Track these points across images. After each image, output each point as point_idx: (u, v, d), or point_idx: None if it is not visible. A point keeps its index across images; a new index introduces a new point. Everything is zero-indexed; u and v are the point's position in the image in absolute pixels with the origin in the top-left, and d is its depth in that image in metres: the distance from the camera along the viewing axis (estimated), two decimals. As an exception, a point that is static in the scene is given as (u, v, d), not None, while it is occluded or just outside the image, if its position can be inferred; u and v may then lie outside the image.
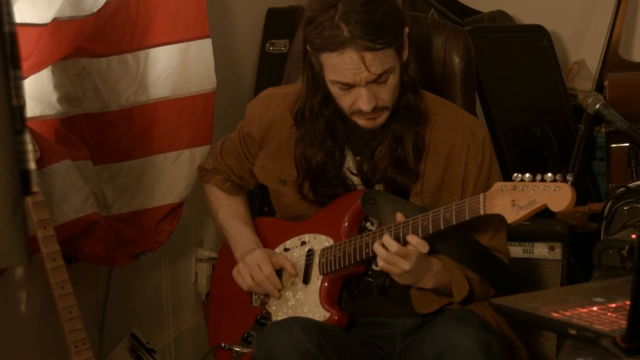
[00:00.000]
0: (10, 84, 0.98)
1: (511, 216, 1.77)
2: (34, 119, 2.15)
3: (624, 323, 1.27)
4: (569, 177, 1.72)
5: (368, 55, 1.86)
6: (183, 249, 3.00)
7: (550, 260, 2.70)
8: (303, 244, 2.13)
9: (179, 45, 2.45)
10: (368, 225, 2.09)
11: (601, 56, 3.30)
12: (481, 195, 1.82)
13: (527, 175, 1.75)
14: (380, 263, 1.92)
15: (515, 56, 3.35)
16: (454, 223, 1.85)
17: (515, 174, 1.76)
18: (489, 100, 3.23)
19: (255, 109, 2.18)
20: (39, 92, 2.17)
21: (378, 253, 1.91)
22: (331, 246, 2.06)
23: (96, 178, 2.35)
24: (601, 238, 2.01)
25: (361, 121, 1.97)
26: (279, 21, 3.25)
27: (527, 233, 2.68)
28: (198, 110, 2.52)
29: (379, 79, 1.90)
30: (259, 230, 2.23)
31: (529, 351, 2.16)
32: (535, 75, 3.36)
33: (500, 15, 3.60)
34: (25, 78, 2.06)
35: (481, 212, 1.81)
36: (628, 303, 1.25)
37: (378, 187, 2.05)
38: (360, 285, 2.09)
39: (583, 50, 3.66)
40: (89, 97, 2.32)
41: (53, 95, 2.20)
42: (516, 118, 3.27)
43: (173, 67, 2.45)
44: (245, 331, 2.16)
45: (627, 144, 2.75)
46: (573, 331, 1.30)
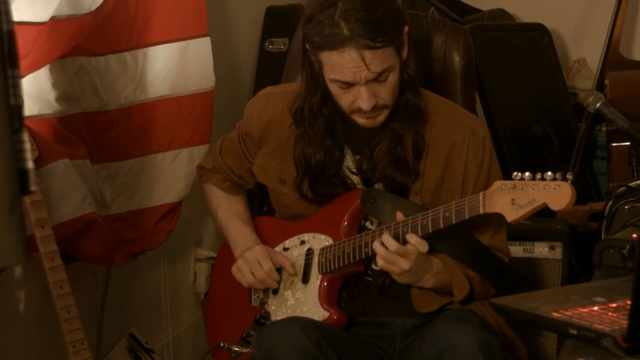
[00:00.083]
0: (8, 82, 0.97)
1: (511, 215, 1.77)
2: (32, 117, 2.15)
3: (624, 323, 1.27)
4: (569, 176, 1.72)
5: (368, 54, 1.86)
6: (182, 249, 3.00)
7: (551, 260, 2.70)
8: (302, 243, 2.13)
9: (178, 43, 2.46)
10: (368, 224, 2.08)
11: (602, 55, 3.30)
12: (481, 194, 1.82)
13: (527, 173, 1.74)
14: (379, 262, 1.92)
15: (515, 55, 3.35)
16: (454, 222, 1.84)
17: (515, 173, 1.76)
18: (489, 99, 3.22)
19: (254, 108, 2.18)
20: (37, 91, 2.17)
21: (377, 252, 1.91)
22: (330, 245, 2.06)
23: (94, 177, 2.35)
24: (602, 237, 2.00)
25: (361, 120, 1.96)
26: (278, 19, 3.25)
27: (528, 232, 2.68)
28: (197, 109, 2.52)
29: (379, 78, 1.90)
30: (259, 230, 2.23)
31: (530, 351, 2.16)
32: (535, 73, 3.35)
33: (501, 13, 3.59)
34: (23, 77, 2.05)
35: (481, 211, 1.81)
36: (629, 303, 1.25)
37: (377, 186, 2.05)
38: (360, 284, 2.08)
39: (584, 48, 3.66)
40: (87, 96, 2.32)
41: (51, 94, 2.20)
42: (516, 117, 3.26)
43: (172, 66, 2.45)
44: (244, 331, 2.16)
45: (628, 143, 2.74)
46: (574, 331, 1.29)
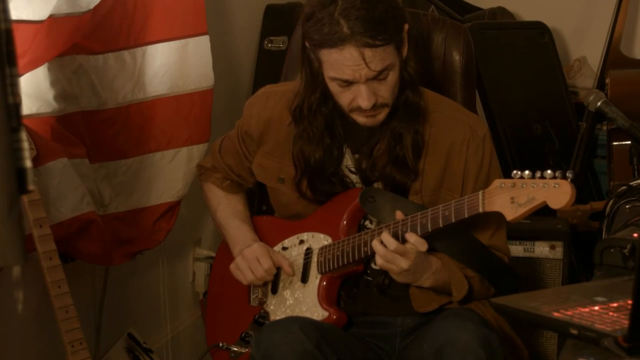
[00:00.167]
0: (6, 81, 0.98)
1: (510, 214, 1.76)
2: (30, 116, 2.14)
3: (625, 322, 1.26)
4: (569, 174, 1.71)
5: (368, 52, 1.85)
6: (180, 248, 3.00)
7: (551, 259, 2.69)
8: (301, 242, 2.13)
9: (177, 42, 2.45)
10: (367, 223, 2.08)
11: (602, 53, 3.29)
12: (480, 193, 1.81)
13: (527, 172, 1.74)
14: (378, 261, 1.91)
15: (515, 53, 3.34)
16: (453, 221, 1.84)
17: (514, 171, 1.75)
18: (489, 98, 3.21)
19: (253, 107, 2.17)
20: (35, 90, 2.16)
21: (377, 250, 1.90)
22: (330, 245, 2.05)
23: (93, 176, 2.34)
24: (603, 237, 2.00)
25: (360, 118, 1.96)
26: (277, 18, 3.26)
27: (528, 232, 2.68)
28: (196, 107, 2.52)
29: (379, 76, 1.89)
30: (258, 229, 2.22)
31: (530, 351, 2.16)
32: (536, 72, 3.35)
33: (501, 11, 3.59)
34: (21, 75, 2.05)
35: (480, 210, 1.80)
36: (630, 302, 1.24)
37: (377, 185, 2.04)
38: (360, 284, 2.08)
39: (584, 47, 3.65)
40: (86, 95, 2.31)
41: (49, 93, 2.19)
42: (517, 116, 3.26)
43: (170, 65, 2.45)
44: (243, 331, 2.15)
45: (629, 142, 2.73)
46: (574, 331, 1.29)
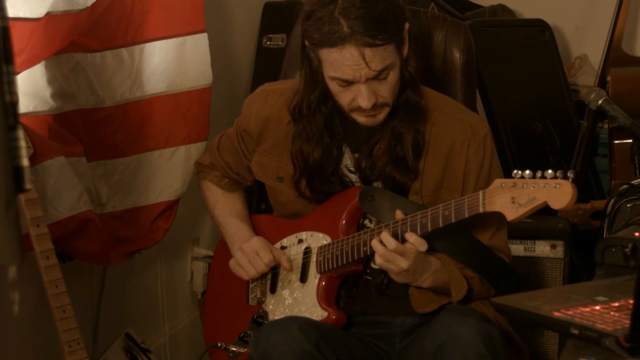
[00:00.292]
0: (3, 79, 0.98)
1: (511, 214, 1.76)
2: (27, 114, 2.13)
3: (627, 322, 1.25)
4: (570, 174, 1.70)
5: (368, 52, 1.84)
6: (179, 247, 3.00)
7: (552, 259, 2.69)
8: (300, 241, 2.12)
9: (175, 39, 2.44)
10: (366, 222, 2.07)
11: (604, 51, 3.28)
12: (480, 193, 1.80)
13: (527, 172, 1.73)
14: (378, 260, 1.91)
15: (516, 51, 3.34)
16: (453, 221, 1.83)
17: (515, 171, 1.75)
18: (489, 96, 3.21)
19: (252, 105, 2.16)
20: (32, 88, 2.16)
21: (376, 250, 1.89)
22: (329, 244, 2.05)
23: (90, 175, 2.34)
24: (604, 236, 1.99)
25: (360, 118, 1.95)
26: (276, 15, 3.25)
27: (529, 231, 2.68)
28: (194, 106, 2.51)
29: (379, 76, 1.89)
30: (256, 228, 2.22)
31: (531, 351, 2.16)
32: (536, 70, 3.34)
33: (501, 9, 3.58)
34: (18, 73, 2.04)
35: (480, 210, 1.79)
36: (631, 302, 1.24)
37: (376, 185, 2.03)
38: (359, 283, 2.07)
39: (585, 45, 3.64)
40: (83, 93, 2.31)
41: (46, 91, 2.19)
42: (517, 114, 3.25)
43: (168, 62, 2.44)
44: (241, 330, 2.15)
45: (630, 140, 2.72)
46: (575, 331, 1.28)
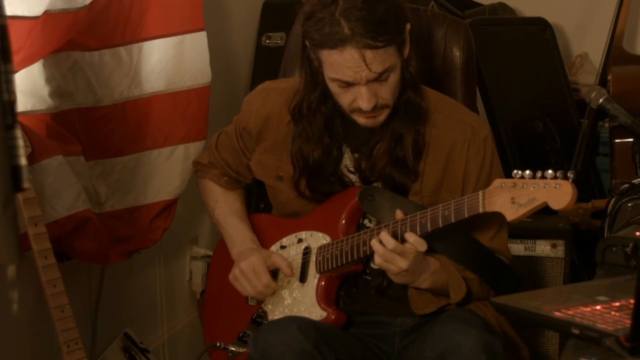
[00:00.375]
0: (0, 78, 0.98)
1: (511, 214, 1.75)
2: (25, 113, 2.13)
3: (628, 322, 1.25)
4: (570, 174, 1.70)
5: (369, 54, 1.83)
6: (177, 247, 3.00)
7: (553, 258, 2.69)
8: (300, 241, 2.11)
9: (173, 38, 2.44)
10: (366, 222, 2.07)
11: (604, 49, 3.27)
12: (480, 193, 1.80)
13: (527, 172, 1.72)
14: (377, 260, 1.90)
15: (516, 49, 3.33)
16: (453, 221, 1.83)
17: (515, 171, 1.74)
18: (490, 95, 3.21)
19: (252, 103, 2.16)
20: (30, 87, 2.15)
21: (375, 250, 1.89)
22: (328, 244, 2.04)
23: (88, 174, 2.34)
24: (604, 235, 1.99)
25: (361, 119, 1.94)
26: (275, 14, 3.26)
27: (529, 230, 2.68)
28: (192, 104, 2.51)
29: (380, 77, 1.88)
30: (255, 227, 2.21)
31: (531, 351, 2.15)
32: (537, 69, 3.34)
33: (502, 7, 3.58)
34: (16, 72, 2.04)
35: (480, 210, 1.79)
36: (632, 302, 1.24)
37: (376, 185, 2.02)
38: (359, 283, 2.07)
39: (586, 43, 3.64)
40: (81, 92, 2.31)
41: (44, 90, 2.18)
42: (518, 113, 3.25)
43: (167, 61, 2.44)
44: (241, 330, 2.15)
45: (631, 139, 2.72)
46: (576, 330, 1.28)
